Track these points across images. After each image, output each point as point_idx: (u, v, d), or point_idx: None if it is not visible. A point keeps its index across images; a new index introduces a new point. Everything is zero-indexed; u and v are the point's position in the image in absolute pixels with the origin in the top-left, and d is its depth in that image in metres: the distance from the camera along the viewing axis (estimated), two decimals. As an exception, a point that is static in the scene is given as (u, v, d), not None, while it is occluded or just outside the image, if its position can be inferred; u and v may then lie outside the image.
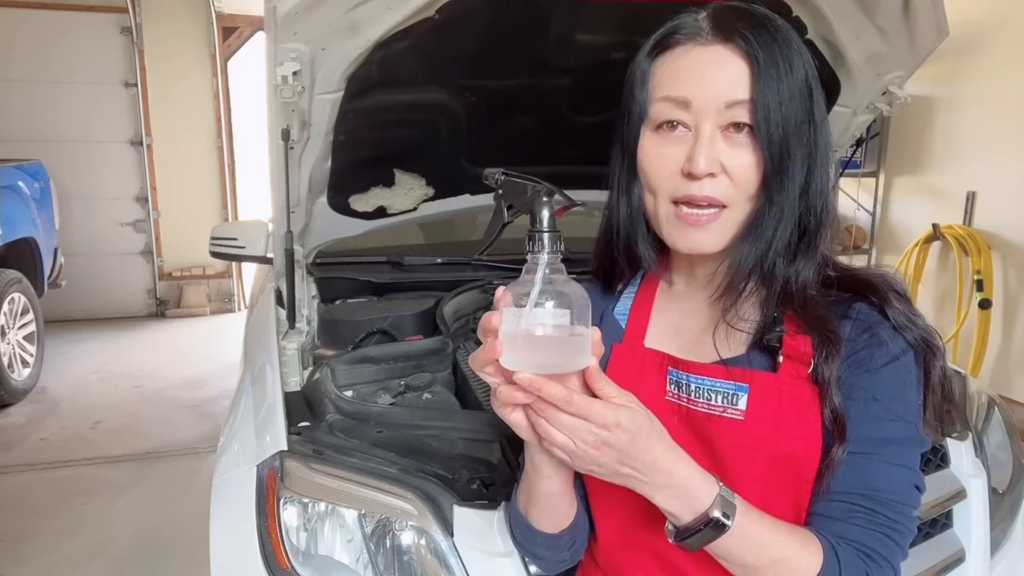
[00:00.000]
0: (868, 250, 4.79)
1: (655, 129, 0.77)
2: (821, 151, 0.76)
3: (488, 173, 0.75)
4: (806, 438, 0.75)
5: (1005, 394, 3.68)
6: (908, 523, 0.75)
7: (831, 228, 0.79)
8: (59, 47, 5.60)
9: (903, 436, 0.75)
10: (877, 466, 0.74)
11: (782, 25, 0.75)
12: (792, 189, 0.75)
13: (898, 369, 0.75)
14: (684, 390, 0.81)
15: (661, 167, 0.77)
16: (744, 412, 0.76)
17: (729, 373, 0.77)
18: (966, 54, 3.88)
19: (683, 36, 0.76)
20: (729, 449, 0.77)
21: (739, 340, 0.79)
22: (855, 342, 0.75)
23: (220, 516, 1.16)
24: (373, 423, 1.35)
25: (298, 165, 1.71)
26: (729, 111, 0.73)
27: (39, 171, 4.64)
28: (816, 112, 0.75)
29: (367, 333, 1.85)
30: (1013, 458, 1.54)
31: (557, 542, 0.86)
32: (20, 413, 3.95)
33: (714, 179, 0.74)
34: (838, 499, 0.75)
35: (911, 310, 0.77)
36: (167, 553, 2.58)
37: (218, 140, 6.10)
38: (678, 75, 0.75)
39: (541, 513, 0.85)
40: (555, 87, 1.78)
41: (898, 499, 0.74)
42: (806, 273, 0.77)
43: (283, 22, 1.31)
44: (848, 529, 0.73)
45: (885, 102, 1.85)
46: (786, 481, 0.76)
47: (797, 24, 1.55)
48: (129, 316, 6.06)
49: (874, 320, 0.76)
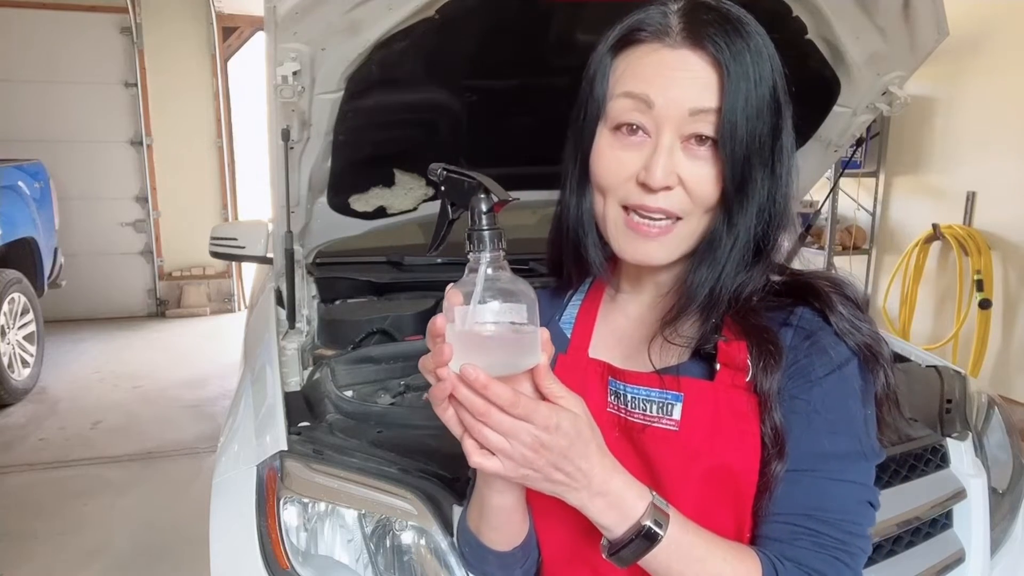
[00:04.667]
0: (868, 250, 4.79)
1: (613, 129, 0.73)
2: (784, 169, 0.73)
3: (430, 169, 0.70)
4: (744, 449, 0.71)
5: (1005, 394, 3.68)
6: (859, 542, 0.70)
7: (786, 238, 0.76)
8: (59, 47, 5.60)
9: (846, 450, 0.70)
10: (821, 483, 0.70)
11: (756, 30, 0.71)
12: (751, 208, 0.71)
13: (840, 379, 0.71)
14: (622, 400, 0.78)
15: (615, 171, 0.73)
16: (678, 422, 0.73)
17: (662, 382, 0.74)
18: (966, 54, 3.88)
19: (649, 33, 0.71)
20: (665, 461, 0.74)
21: (677, 349, 0.76)
22: (797, 350, 0.72)
23: (220, 516, 1.16)
24: (373, 423, 1.35)
25: (298, 165, 1.71)
26: (693, 120, 0.69)
27: (39, 171, 4.64)
28: (783, 128, 0.72)
29: (367, 333, 1.85)
30: (1013, 458, 1.54)
31: (509, 560, 0.82)
32: (20, 413, 3.95)
33: (669, 191, 0.70)
34: (781, 520, 0.71)
35: (857, 315, 0.72)
36: (167, 553, 2.58)
37: (218, 140, 6.10)
38: (641, 73, 0.71)
39: (492, 531, 0.80)
40: (555, 87, 1.77)
41: (846, 517, 0.70)
42: (751, 285, 0.74)
43: (283, 22, 1.31)
44: (793, 551, 0.69)
45: (885, 102, 1.85)
46: (725, 494, 0.73)
47: (797, 24, 1.55)
48: (129, 316, 6.06)
49: (816, 327, 0.72)
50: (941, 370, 1.64)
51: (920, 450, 1.37)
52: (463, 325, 0.63)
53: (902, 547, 1.27)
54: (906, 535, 1.28)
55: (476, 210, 0.66)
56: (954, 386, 1.59)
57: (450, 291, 0.66)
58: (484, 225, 0.65)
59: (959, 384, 1.61)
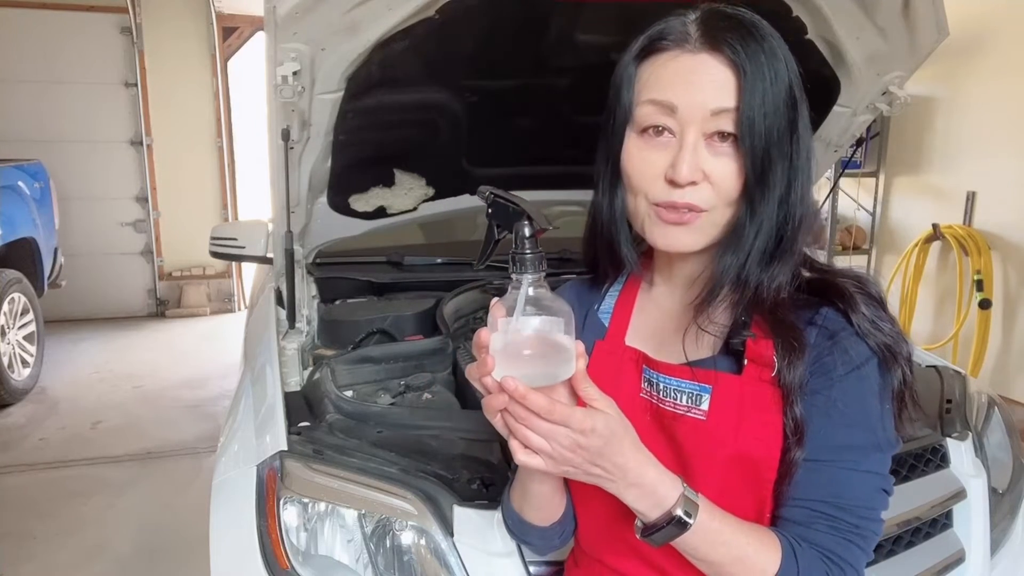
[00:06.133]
0: (868, 250, 4.80)
1: (640, 132, 0.79)
2: (803, 160, 0.78)
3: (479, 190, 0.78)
4: (766, 440, 0.77)
5: (1005, 394, 3.69)
6: (872, 526, 0.77)
7: (811, 231, 0.81)
8: (59, 47, 5.59)
9: (863, 443, 0.76)
10: (838, 473, 0.76)
11: (769, 33, 0.76)
12: (772, 198, 0.76)
13: (860, 377, 0.76)
14: (655, 388, 0.84)
15: (644, 171, 0.78)
16: (706, 413, 0.79)
17: (693, 374, 0.80)
18: (966, 54, 3.89)
19: (670, 41, 0.77)
20: (693, 448, 0.80)
21: (708, 343, 0.82)
22: (819, 348, 0.77)
23: (220, 516, 1.16)
24: (373, 423, 1.35)
25: (298, 165, 1.71)
26: (714, 119, 0.74)
27: (39, 171, 4.63)
28: (799, 122, 0.77)
29: (367, 333, 1.85)
30: (1013, 458, 1.54)
31: (548, 533, 0.92)
32: (20, 413, 3.95)
33: (696, 186, 0.76)
34: (801, 504, 0.77)
35: (879, 315, 0.77)
36: (167, 553, 2.58)
37: (218, 140, 6.10)
38: (665, 80, 0.76)
39: (533, 511, 0.90)
40: (555, 87, 1.78)
41: (861, 504, 0.76)
42: (780, 278, 0.79)
43: (283, 22, 1.31)
44: (810, 533, 0.76)
45: (885, 102, 1.85)
46: (747, 481, 0.79)
47: (797, 24, 1.55)
48: (129, 316, 6.06)
49: (838, 327, 0.77)
50: (941, 370, 1.64)
51: (920, 450, 1.37)
52: (506, 338, 0.70)
53: (902, 547, 1.27)
54: (906, 535, 1.28)
55: (519, 235, 0.73)
56: (954, 386, 1.59)
57: (494, 306, 0.73)
58: (527, 249, 0.72)
59: (959, 384, 1.61)
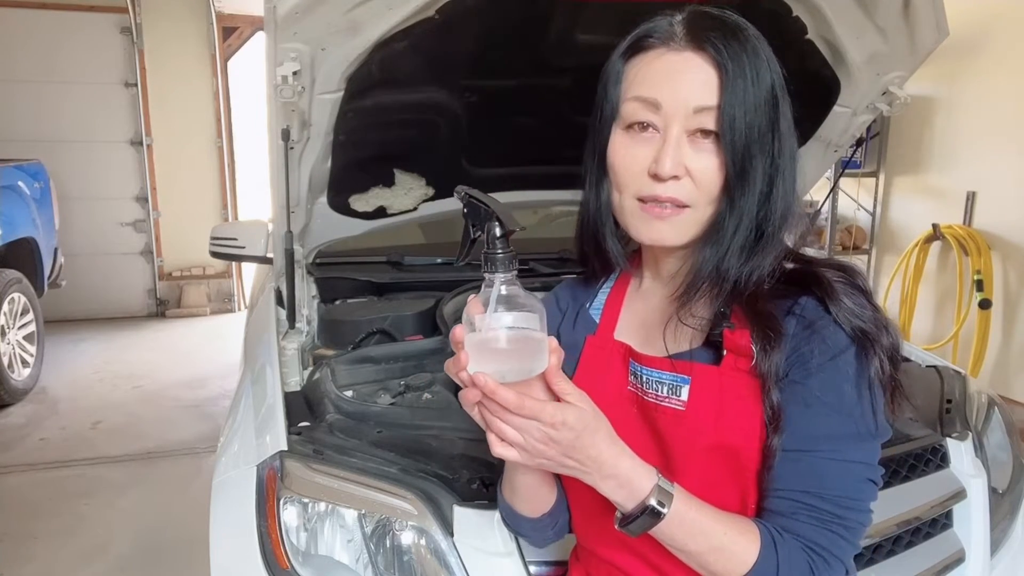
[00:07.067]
0: (868, 250, 4.80)
1: (626, 128, 0.81)
2: (785, 159, 0.79)
3: (456, 189, 0.81)
4: (746, 429, 0.78)
5: (1005, 394, 3.69)
6: (858, 516, 0.76)
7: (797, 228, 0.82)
8: (59, 47, 5.59)
9: (844, 432, 0.76)
10: (820, 463, 0.76)
11: (753, 34, 0.78)
12: (752, 194, 0.78)
13: (835, 367, 0.76)
14: (640, 380, 0.86)
15: (629, 165, 0.80)
16: (685, 403, 0.81)
17: (673, 366, 0.82)
18: (966, 54, 3.89)
19: (657, 40, 0.79)
20: (673, 438, 0.82)
21: (689, 335, 0.84)
22: (797, 338, 0.77)
23: (220, 516, 1.16)
24: (373, 423, 1.35)
25: (298, 165, 1.71)
26: (697, 116, 0.76)
27: (39, 171, 4.63)
28: (781, 121, 0.78)
29: (367, 333, 1.85)
30: (1013, 458, 1.54)
31: (539, 524, 0.94)
32: (20, 413, 3.95)
33: (678, 181, 0.77)
34: (783, 495, 0.77)
35: (861, 303, 0.78)
36: (167, 553, 2.58)
37: (218, 140, 6.09)
38: (650, 78, 0.78)
39: (522, 502, 0.92)
40: (555, 87, 1.78)
41: (844, 494, 0.76)
42: (759, 271, 0.80)
43: (283, 22, 1.31)
44: (793, 524, 0.76)
45: (885, 102, 1.85)
46: (729, 471, 0.80)
47: (797, 24, 1.56)
48: (129, 316, 6.05)
49: (816, 316, 0.78)
50: (941, 370, 1.65)
51: (920, 450, 1.37)
52: (479, 334, 0.71)
53: (902, 547, 1.27)
54: (906, 535, 1.28)
55: (491, 235, 0.74)
56: (954, 386, 1.59)
57: (471, 302, 0.74)
58: (498, 249, 0.73)
59: (959, 384, 1.61)
